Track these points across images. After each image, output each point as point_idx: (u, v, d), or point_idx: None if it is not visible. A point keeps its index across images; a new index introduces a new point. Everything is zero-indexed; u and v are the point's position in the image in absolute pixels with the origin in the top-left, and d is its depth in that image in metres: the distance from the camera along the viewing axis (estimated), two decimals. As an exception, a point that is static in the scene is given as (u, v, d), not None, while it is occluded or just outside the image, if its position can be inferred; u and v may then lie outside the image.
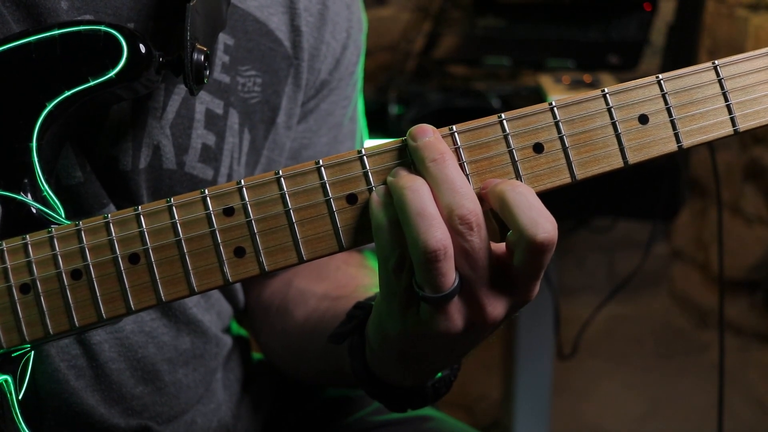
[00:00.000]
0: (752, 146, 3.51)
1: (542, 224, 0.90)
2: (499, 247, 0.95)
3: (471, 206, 0.91)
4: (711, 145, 2.24)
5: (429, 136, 0.94)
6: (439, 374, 1.10)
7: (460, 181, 0.92)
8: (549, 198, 0.94)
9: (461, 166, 0.96)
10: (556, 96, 0.98)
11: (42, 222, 1.02)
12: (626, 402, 3.39)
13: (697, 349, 3.68)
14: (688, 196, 3.36)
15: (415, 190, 0.92)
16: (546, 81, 2.27)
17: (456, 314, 0.94)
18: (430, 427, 1.36)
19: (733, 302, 3.57)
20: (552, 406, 2.78)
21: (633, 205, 2.30)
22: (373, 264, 1.39)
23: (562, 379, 3.26)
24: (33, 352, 1.03)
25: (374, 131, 2.12)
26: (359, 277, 1.35)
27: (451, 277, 0.91)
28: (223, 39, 1.22)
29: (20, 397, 1.02)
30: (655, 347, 3.74)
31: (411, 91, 2.34)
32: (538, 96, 2.26)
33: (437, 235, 0.90)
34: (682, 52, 2.43)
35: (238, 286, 1.38)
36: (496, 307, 0.95)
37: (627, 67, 2.42)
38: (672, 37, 2.46)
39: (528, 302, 0.97)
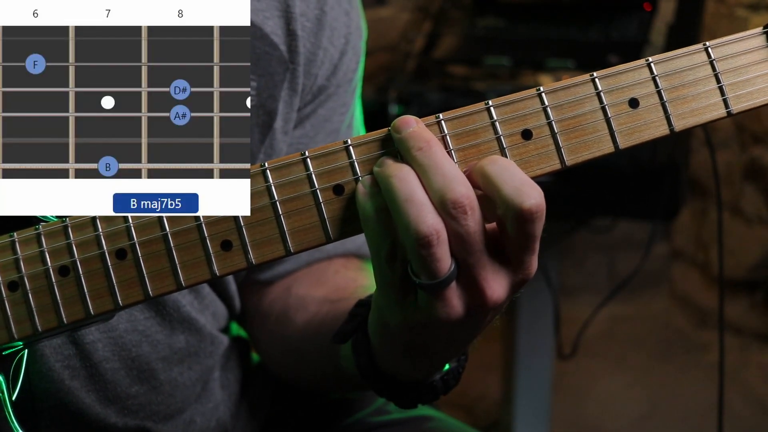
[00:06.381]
0: (752, 146, 3.50)
1: (527, 192, 0.89)
2: (492, 226, 0.93)
3: (463, 190, 0.90)
4: (711, 145, 2.24)
5: (413, 126, 0.93)
6: (447, 366, 1.09)
7: (449, 166, 0.91)
8: (549, 198, 0.92)
9: (448, 154, 0.94)
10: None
11: (29, 219, 1.01)
12: (626, 402, 3.38)
13: (697, 349, 3.67)
14: (688, 196, 3.35)
15: (402, 177, 0.91)
16: (546, 81, 2.27)
17: (455, 300, 0.93)
18: (430, 427, 1.35)
19: (733, 302, 3.56)
20: (552, 406, 2.77)
21: (633, 205, 2.29)
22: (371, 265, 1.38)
23: (562, 379, 3.25)
24: (26, 351, 1.03)
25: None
26: (359, 278, 1.34)
27: (446, 262, 0.90)
28: None
29: (14, 398, 1.01)
30: (655, 347, 3.73)
31: (411, 91, 2.33)
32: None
33: (428, 220, 0.89)
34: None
35: (233, 289, 1.37)
36: (495, 290, 0.93)
37: (627, 67, 2.42)
38: (672, 37, 2.45)
39: (527, 280, 0.95)
